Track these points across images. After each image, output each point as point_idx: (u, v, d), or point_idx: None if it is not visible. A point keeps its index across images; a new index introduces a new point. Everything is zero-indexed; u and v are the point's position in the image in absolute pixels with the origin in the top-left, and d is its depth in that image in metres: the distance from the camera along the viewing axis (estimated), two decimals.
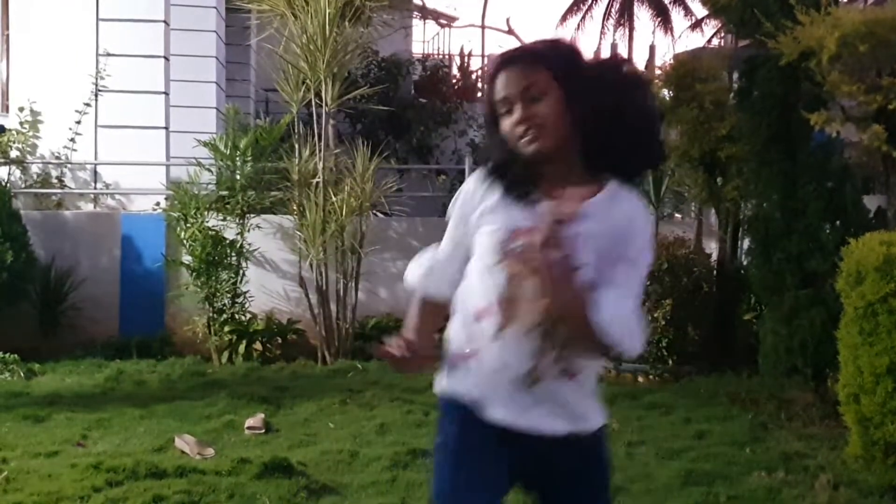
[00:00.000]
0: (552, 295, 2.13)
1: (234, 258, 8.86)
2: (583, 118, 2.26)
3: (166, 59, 10.82)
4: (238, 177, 8.98)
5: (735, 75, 8.29)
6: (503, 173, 2.35)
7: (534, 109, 2.27)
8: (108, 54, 10.69)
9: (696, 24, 26.04)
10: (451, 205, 2.48)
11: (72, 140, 10.78)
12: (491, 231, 2.32)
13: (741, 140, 7.62)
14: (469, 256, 2.40)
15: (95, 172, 10.94)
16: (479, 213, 2.36)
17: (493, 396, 2.30)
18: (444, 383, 2.41)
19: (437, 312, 2.49)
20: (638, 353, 2.27)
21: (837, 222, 6.81)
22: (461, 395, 2.35)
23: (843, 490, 4.93)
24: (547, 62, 2.29)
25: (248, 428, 6.17)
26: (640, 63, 15.36)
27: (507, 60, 2.34)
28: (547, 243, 2.12)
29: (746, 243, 7.90)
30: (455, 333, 2.40)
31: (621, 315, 2.19)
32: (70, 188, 10.87)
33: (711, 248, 8.64)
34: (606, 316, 2.16)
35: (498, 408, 2.30)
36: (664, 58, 13.64)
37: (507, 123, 2.30)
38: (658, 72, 9.12)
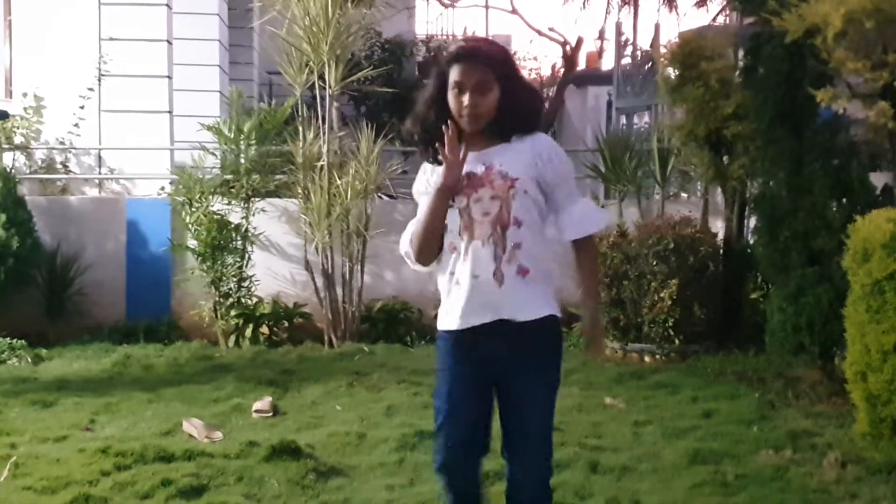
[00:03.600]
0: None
1: (239, 242, 8.87)
2: (505, 108, 3.19)
3: (169, 42, 10.79)
4: (242, 160, 8.97)
5: (740, 53, 8.24)
6: (432, 135, 3.21)
7: (481, 99, 3.16)
8: (111, 39, 10.67)
9: (702, 2, 25.84)
10: (417, 183, 3.38)
11: (76, 125, 10.79)
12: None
13: (747, 118, 7.58)
14: None
15: (100, 157, 10.95)
16: (431, 178, 3.27)
17: (471, 310, 3.18)
18: (439, 322, 3.31)
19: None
20: (604, 224, 3.54)
21: (844, 200, 6.77)
22: (448, 329, 3.26)
23: (851, 468, 4.93)
24: (495, 67, 3.18)
25: (256, 411, 6.18)
26: (646, 42, 15.31)
27: (470, 55, 3.20)
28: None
29: (753, 222, 7.87)
30: (442, 274, 3.28)
31: (587, 220, 3.32)
32: (74, 173, 10.88)
33: (718, 227, 8.61)
34: (583, 226, 3.30)
35: (473, 316, 3.18)
36: (669, 36, 13.60)
37: (456, 101, 3.18)
38: (663, 50, 9.07)
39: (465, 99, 3.14)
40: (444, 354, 3.30)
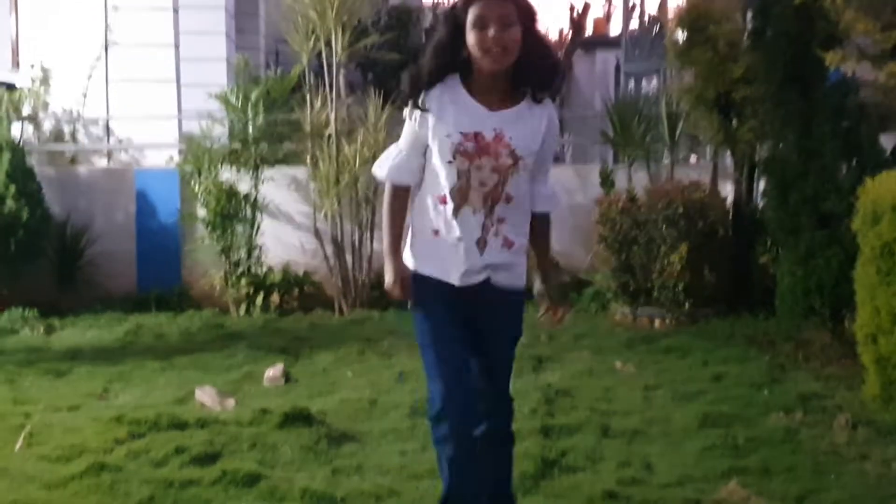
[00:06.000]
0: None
1: (248, 211, 8.87)
2: (526, 50, 3.08)
3: (175, 11, 10.75)
4: (250, 129, 8.95)
5: (749, 15, 8.18)
6: (439, 79, 3.14)
7: (507, 32, 3.04)
8: (117, 8, 10.63)
9: None
10: (408, 109, 3.22)
11: (83, 96, 10.77)
12: (445, 134, 3.13)
13: (756, 81, 7.54)
14: (424, 151, 3.23)
15: (108, 128, 10.95)
16: (433, 118, 3.15)
17: (452, 266, 3.19)
18: (413, 263, 3.29)
19: (404, 208, 3.33)
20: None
21: (854, 162, 6.74)
22: (428, 274, 3.24)
23: (861, 429, 4.94)
24: (518, 9, 3.07)
25: (268, 378, 6.22)
26: (653, 6, 15.21)
27: None
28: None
29: (762, 185, 7.85)
30: (422, 217, 3.25)
31: (555, 194, 3.38)
32: (83, 144, 10.88)
33: (727, 190, 8.59)
34: (553, 203, 3.36)
35: (455, 273, 3.19)
36: None
37: (479, 36, 3.04)
38: (671, 13, 9.01)
39: (491, 31, 3.03)
40: (431, 302, 3.27)
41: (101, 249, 9.19)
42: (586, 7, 20.06)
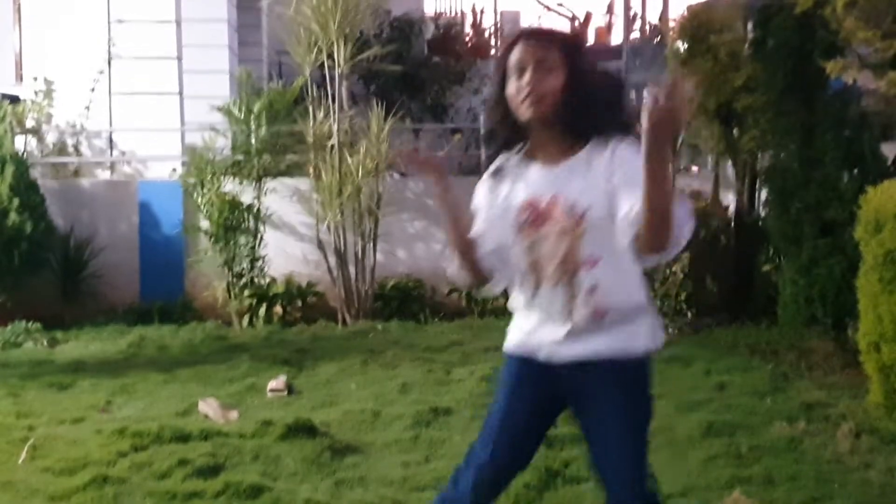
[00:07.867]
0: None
1: (251, 222, 8.88)
2: (574, 95, 2.68)
3: (178, 23, 10.78)
4: (253, 141, 8.97)
5: (750, 25, 8.20)
6: (496, 137, 2.84)
7: (542, 77, 2.67)
8: (120, 21, 10.66)
9: None
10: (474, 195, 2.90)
11: (86, 108, 10.79)
12: (506, 209, 2.79)
13: (757, 90, 7.55)
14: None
15: (111, 140, 10.97)
16: (499, 197, 2.82)
17: (538, 342, 2.80)
18: (507, 338, 2.93)
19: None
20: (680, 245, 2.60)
21: (855, 171, 6.76)
22: (510, 349, 2.90)
23: (865, 438, 4.93)
24: (561, 46, 2.72)
25: (271, 390, 6.22)
26: (655, 16, 15.25)
27: (530, 34, 2.78)
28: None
29: (764, 194, 7.86)
30: (514, 289, 2.88)
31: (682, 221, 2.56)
32: (86, 157, 10.90)
33: (729, 200, 8.59)
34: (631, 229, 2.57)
35: (542, 350, 2.79)
36: (678, 9, 13.47)
37: (515, 85, 2.70)
38: (672, 24, 9.03)
39: (526, 78, 2.66)
40: (504, 374, 2.93)
41: (105, 261, 9.21)
42: (587, 17, 20.09)
